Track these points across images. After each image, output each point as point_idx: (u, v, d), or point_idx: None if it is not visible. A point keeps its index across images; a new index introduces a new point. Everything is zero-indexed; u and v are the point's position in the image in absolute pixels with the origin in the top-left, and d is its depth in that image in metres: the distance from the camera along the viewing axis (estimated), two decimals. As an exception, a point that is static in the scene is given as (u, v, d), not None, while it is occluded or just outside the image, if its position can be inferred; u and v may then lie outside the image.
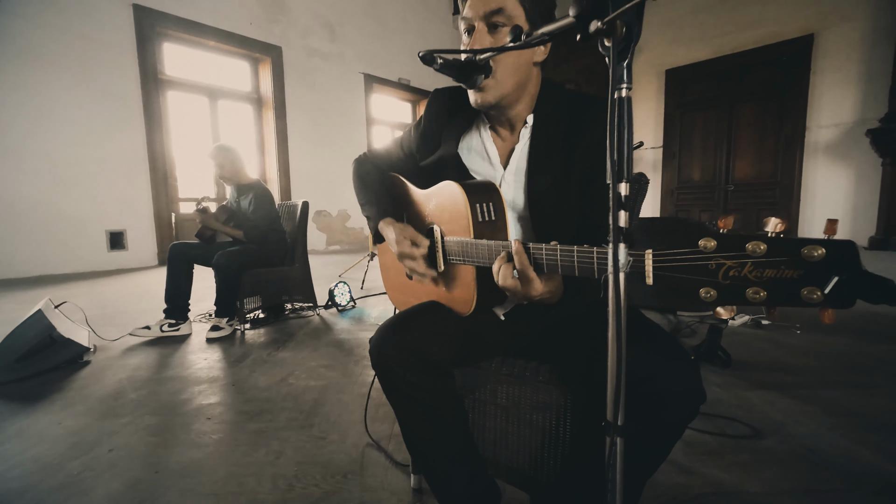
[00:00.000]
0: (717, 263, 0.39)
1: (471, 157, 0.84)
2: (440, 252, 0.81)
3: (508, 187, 0.81)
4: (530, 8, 0.70)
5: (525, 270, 0.58)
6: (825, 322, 0.35)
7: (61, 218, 4.29)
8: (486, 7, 0.68)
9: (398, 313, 0.80)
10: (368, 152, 1.00)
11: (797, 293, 0.35)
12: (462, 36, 0.74)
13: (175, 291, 2.15)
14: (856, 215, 5.61)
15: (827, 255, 0.34)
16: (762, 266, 0.36)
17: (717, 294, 0.39)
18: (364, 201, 0.91)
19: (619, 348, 0.39)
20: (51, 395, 1.48)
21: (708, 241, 0.39)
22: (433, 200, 0.83)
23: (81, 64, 4.30)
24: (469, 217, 0.72)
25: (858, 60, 5.45)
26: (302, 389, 1.50)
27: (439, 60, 0.56)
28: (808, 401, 1.35)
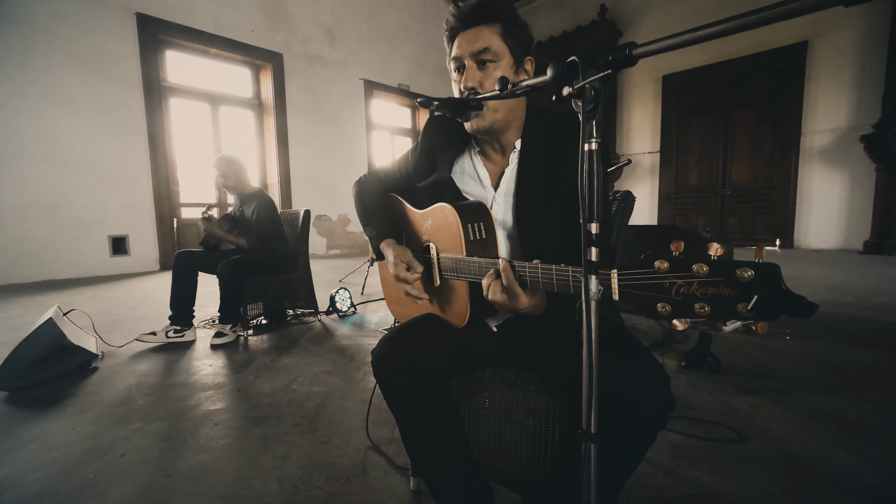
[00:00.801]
0: (670, 282, 0.44)
1: (464, 180, 0.91)
2: (436, 268, 0.86)
3: (499, 208, 0.87)
4: (512, 44, 0.77)
5: (511, 286, 0.64)
6: (759, 332, 0.41)
7: (64, 223, 4.35)
8: (473, 47, 0.74)
9: (397, 326, 0.86)
10: (369, 174, 1.06)
11: (734, 308, 0.41)
12: (452, 73, 0.80)
13: (180, 299, 2.20)
14: (851, 219, 5.68)
15: (755, 275, 0.39)
16: (706, 285, 0.42)
17: (671, 308, 0.44)
18: (366, 222, 0.97)
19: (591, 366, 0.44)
20: (63, 401, 1.53)
21: (661, 262, 0.44)
22: (429, 220, 0.88)
23: (85, 71, 4.37)
24: (461, 236, 0.78)
25: (852, 67, 5.53)
26: (305, 395, 1.55)
27: (435, 102, 0.62)
28: (792, 406, 1.40)
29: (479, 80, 0.75)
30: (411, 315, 0.98)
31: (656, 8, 7.04)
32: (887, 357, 1.81)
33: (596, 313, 0.44)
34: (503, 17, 0.76)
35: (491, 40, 0.75)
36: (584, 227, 0.44)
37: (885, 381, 1.60)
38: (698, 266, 0.42)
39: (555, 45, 7.87)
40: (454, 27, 0.77)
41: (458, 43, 0.77)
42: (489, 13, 0.75)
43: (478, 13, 0.75)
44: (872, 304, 2.72)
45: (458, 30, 0.77)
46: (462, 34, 0.76)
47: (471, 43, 0.75)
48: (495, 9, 0.75)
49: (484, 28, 0.75)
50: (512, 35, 0.77)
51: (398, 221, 1.00)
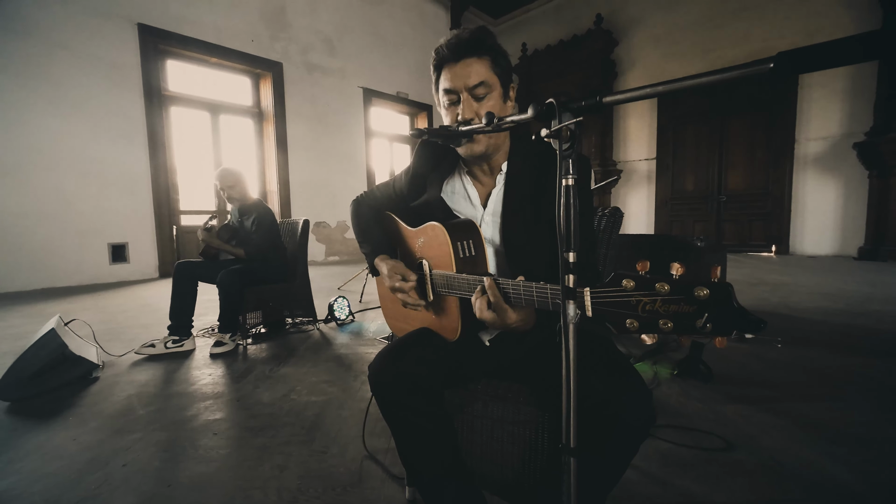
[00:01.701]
0: (637, 300, 0.47)
1: (454, 199, 0.95)
2: (429, 284, 0.90)
3: (487, 226, 0.91)
4: (500, 73, 0.82)
5: (498, 302, 0.68)
6: (718, 346, 0.44)
7: (65, 231, 4.38)
8: (469, 81, 0.79)
9: (393, 341, 0.89)
10: (366, 193, 1.10)
11: (693, 324, 0.44)
12: (442, 100, 0.84)
13: (180, 309, 2.23)
14: (845, 226, 5.74)
15: (710, 294, 0.43)
16: (668, 302, 0.45)
17: (639, 324, 0.48)
18: (362, 239, 1.01)
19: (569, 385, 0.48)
20: (64, 412, 1.55)
21: (628, 281, 0.48)
22: (421, 238, 0.92)
23: (87, 81, 4.42)
24: (452, 254, 0.82)
25: (844, 76, 5.62)
26: (303, 405, 1.57)
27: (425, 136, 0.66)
28: (781, 414, 1.43)
29: (475, 110, 0.80)
30: (408, 329, 1.01)
31: (651, 18, 7.15)
32: (876, 365, 1.85)
33: (574, 335, 0.47)
34: (491, 51, 0.80)
35: (483, 73, 0.79)
36: (560, 255, 0.47)
37: (872, 389, 1.63)
38: (660, 285, 0.45)
39: (552, 54, 7.97)
40: (445, 58, 0.81)
41: (450, 76, 0.81)
42: (480, 48, 0.79)
43: (469, 48, 0.79)
44: (864, 312, 2.75)
45: (448, 60, 0.81)
46: (453, 66, 0.80)
47: (466, 77, 0.79)
48: (486, 44, 0.79)
49: (475, 61, 0.79)
50: (499, 65, 0.81)
51: (393, 239, 1.04)
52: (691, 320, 0.44)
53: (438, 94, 0.85)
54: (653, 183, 7.42)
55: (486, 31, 0.80)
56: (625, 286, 0.47)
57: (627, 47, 7.45)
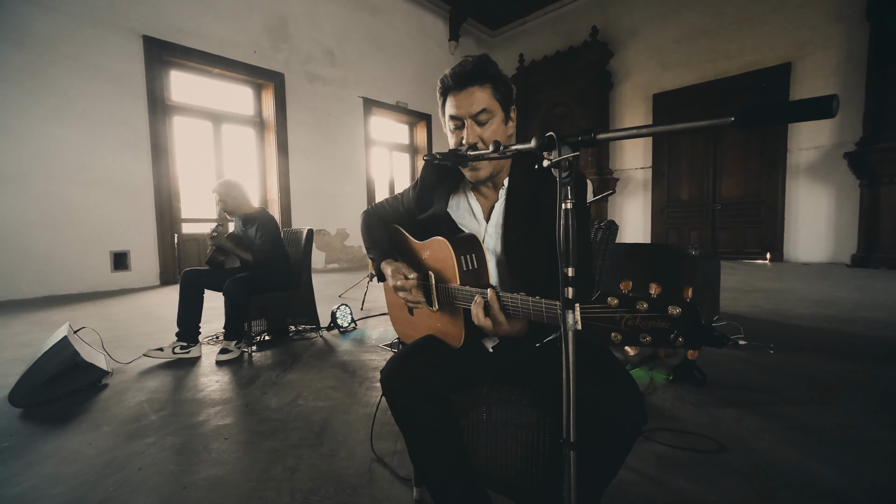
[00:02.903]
0: (620, 315, 0.53)
1: (459, 213, 1.01)
2: (434, 295, 0.96)
3: (490, 238, 0.97)
4: (501, 99, 0.89)
5: (495, 314, 0.74)
6: (689, 358, 0.50)
7: (67, 239, 4.42)
8: (472, 109, 0.86)
9: (402, 348, 0.95)
10: (375, 206, 1.17)
11: (668, 338, 0.50)
12: (448, 125, 0.91)
13: (187, 316, 2.28)
14: (838, 233, 5.84)
15: (682, 313, 0.49)
16: (647, 319, 0.51)
17: (622, 337, 0.54)
18: (370, 247, 1.08)
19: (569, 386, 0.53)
20: (78, 417, 1.59)
21: (612, 299, 0.54)
22: (427, 251, 0.99)
23: (92, 91, 4.50)
24: (455, 267, 0.88)
25: (834, 87, 5.75)
26: (311, 410, 1.62)
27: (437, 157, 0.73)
28: (772, 417, 1.49)
29: (478, 135, 0.87)
30: (414, 335, 1.07)
31: (645, 30, 7.31)
32: (863, 371, 1.91)
33: (573, 342, 0.53)
34: (493, 79, 0.87)
35: (486, 101, 0.86)
36: (560, 270, 0.53)
37: (860, 393, 1.69)
38: (640, 303, 0.52)
39: (549, 65, 8.12)
40: (450, 87, 0.88)
41: (455, 103, 0.88)
42: (482, 77, 0.86)
43: (472, 77, 0.86)
44: (854, 318, 2.82)
45: (452, 89, 0.88)
46: (457, 94, 0.87)
47: (469, 105, 0.86)
48: (487, 73, 0.86)
49: (477, 89, 0.86)
50: (500, 92, 0.88)
51: (400, 250, 1.10)
52: (666, 335, 0.50)
53: (444, 118, 0.92)
54: (649, 191, 7.53)
55: (488, 60, 0.88)
56: (609, 303, 0.53)
57: (623, 58, 7.61)
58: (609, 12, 7.67)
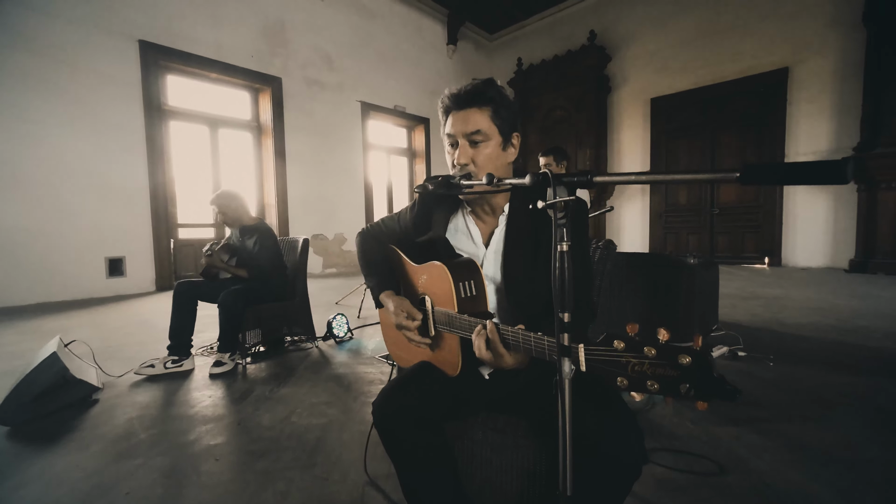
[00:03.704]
0: (626, 360, 0.51)
1: (457, 237, 0.99)
2: (431, 320, 0.93)
3: (489, 264, 0.95)
4: (501, 124, 0.86)
5: (496, 346, 0.72)
6: (699, 409, 0.47)
7: (61, 246, 4.38)
8: (466, 129, 0.84)
9: (396, 377, 0.92)
10: (371, 226, 1.14)
11: (677, 388, 0.48)
12: (446, 144, 0.89)
13: (179, 328, 2.25)
14: (836, 239, 5.84)
15: (692, 362, 0.47)
16: (655, 366, 0.49)
17: (628, 383, 0.51)
18: (367, 272, 1.05)
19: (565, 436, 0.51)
20: (65, 435, 1.56)
21: (619, 342, 0.52)
22: (424, 275, 0.96)
23: (88, 96, 4.46)
24: (453, 293, 0.86)
25: (831, 92, 5.76)
26: (304, 428, 1.59)
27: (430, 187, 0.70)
28: (771, 436, 1.47)
29: (471, 156, 0.85)
30: (409, 358, 1.05)
31: (643, 35, 7.32)
32: (863, 384, 1.89)
33: (570, 390, 0.51)
34: (493, 102, 0.85)
35: (482, 122, 0.84)
36: (556, 315, 0.51)
37: (860, 408, 1.67)
38: (648, 349, 0.49)
39: (547, 69, 8.11)
40: (449, 107, 0.86)
41: (452, 122, 0.86)
42: (481, 98, 0.84)
43: (470, 98, 0.84)
44: (854, 328, 2.81)
45: (451, 109, 0.86)
46: (455, 113, 0.85)
47: (464, 124, 0.84)
48: (486, 95, 0.84)
49: (475, 111, 0.84)
50: (500, 116, 0.86)
51: (397, 272, 1.08)
52: (675, 384, 0.48)
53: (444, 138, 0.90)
54: (647, 195, 7.52)
55: (490, 83, 0.85)
56: (616, 346, 0.51)
57: (620, 63, 7.61)
58: (607, 17, 7.68)
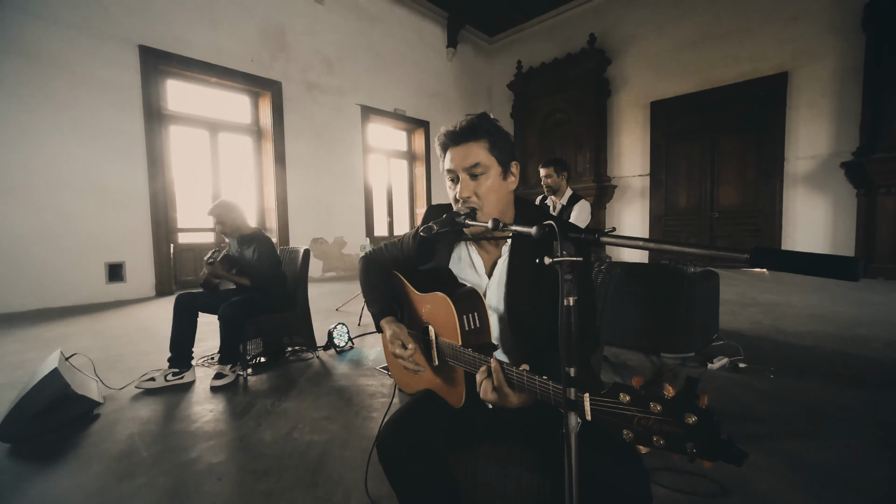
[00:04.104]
0: (632, 413, 0.51)
1: (460, 266, 0.99)
2: (434, 350, 0.94)
3: (492, 294, 0.95)
4: (498, 155, 0.87)
5: (501, 387, 0.72)
6: (705, 467, 0.47)
7: (62, 251, 4.37)
8: (465, 163, 0.84)
9: (401, 408, 0.92)
10: (374, 251, 1.14)
11: (683, 446, 0.48)
12: (446, 179, 0.89)
13: (180, 340, 2.24)
14: (835, 243, 5.84)
15: (697, 422, 0.47)
16: (660, 422, 0.49)
17: (633, 436, 0.51)
18: (369, 299, 1.05)
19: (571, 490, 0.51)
20: (67, 453, 1.56)
21: (624, 395, 0.52)
22: (428, 304, 0.96)
23: (88, 102, 4.46)
24: (457, 326, 0.86)
25: (830, 97, 5.77)
26: (306, 445, 1.59)
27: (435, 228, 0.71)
28: (773, 454, 1.47)
29: (472, 189, 0.85)
30: (411, 383, 1.05)
31: (643, 39, 7.32)
32: (864, 398, 1.90)
33: (576, 444, 0.51)
34: (488, 134, 0.85)
35: (480, 155, 0.85)
36: (563, 368, 0.51)
37: (860, 424, 1.67)
38: (654, 405, 0.49)
39: (547, 72, 8.12)
40: (446, 143, 0.86)
41: (451, 157, 0.86)
42: (476, 132, 0.84)
43: (466, 133, 0.84)
44: (853, 337, 2.82)
45: (448, 145, 0.86)
46: (453, 149, 0.85)
47: (463, 158, 0.84)
48: (482, 128, 0.85)
49: (473, 144, 0.84)
50: (498, 147, 0.86)
51: (399, 299, 1.08)
52: (681, 442, 0.48)
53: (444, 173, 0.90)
54: (647, 198, 7.53)
55: (484, 117, 0.86)
56: (621, 399, 0.51)
57: (620, 66, 7.61)
58: (607, 20, 7.67)
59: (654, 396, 0.50)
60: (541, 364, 0.86)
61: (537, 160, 8.63)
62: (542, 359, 0.87)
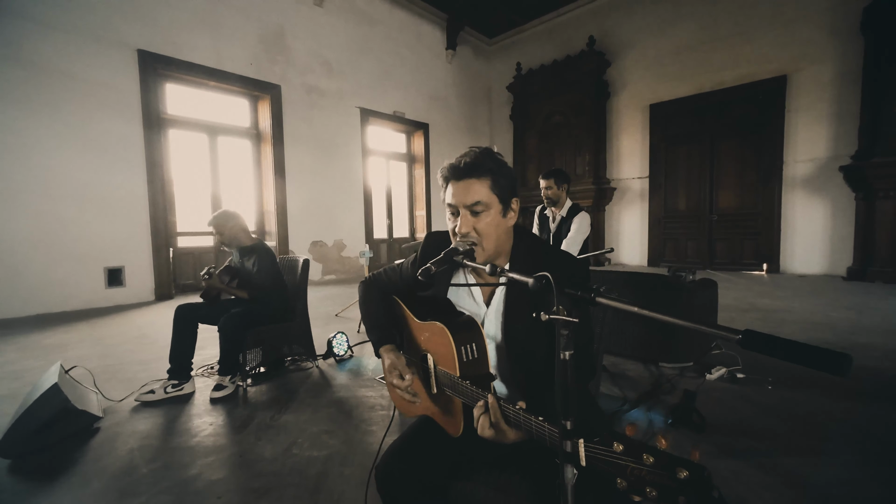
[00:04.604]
0: (625, 463, 0.52)
1: (459, 295, 0.99)
2: (433, 378, 0.94)
3: (490, 323, 0.95)
4: (500, 192, 0.87)
5: (499, 423, 0.72)
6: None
7: (61, 257, 4.37)
8: (467, 200, 0.84)
9: (400, 439, 0.93)
10: (374, 276, 1.15)
11: (675, 499, 0.48)
12: (447, 211, 0.89)
13: (179, 352, 2.25)
14: (834, 246, 5.86)
15: (690, 476, 0.47)
16: (652, 473, 0.50)
17: (627, 485, 0.52)
18: (368, 326, 1.05)
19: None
20: (66, 471, 1.56)
21: (618, 444, 0.52)
22: (427, 332, 0.96)
23: (86, 107, 4.45)
24: (455, 357, 0.86)
25: (829, 100, 5.78)
26: (306, 461, 1.60)
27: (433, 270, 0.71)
28: (771, 471, 1.48)
29: (472, 224, 0.85)
30: (411, 408, 1.05)
31: (642, 41, 7.32)
32: (861, 412, 1.90)
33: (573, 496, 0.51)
34: (492, 173, 0.86)
35: (482, 193, 0.85)
36: (560, 423, 0.51)
37: (858, 440, 1.68)
38: (646, 456, 0.50)
39: (546, 74, 8.11)
40: (448, 178, 0.87)
41: (452, 192, 0.86)
42: (479, 170, 0.84)
43: (470, 170, 0.84)
44: (852, 345, 2.83)
45: (450, 179, 0.86)
46: (455, 184, 0.86)
47: (465, 195, 0.85)
48: (485, 167, 0.85)
49: (475, 181, 0.85)
50: (499, 185, 0.87)
51: (399, 324, 1.08)
52: (673, 495, 0.48)
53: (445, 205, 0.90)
54: (646, 201, 7.54)
55: (488, 153, 0.86)
56: (615, 448, 0.52)
57: (619, 68, 7.61)
58: (606, 22, 7.67)
59: (648, 448, 0.50)
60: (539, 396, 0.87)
61: (536, 162, 8.65)
62: (540, 389, 0.88)
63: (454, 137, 8.74)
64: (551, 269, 0.89)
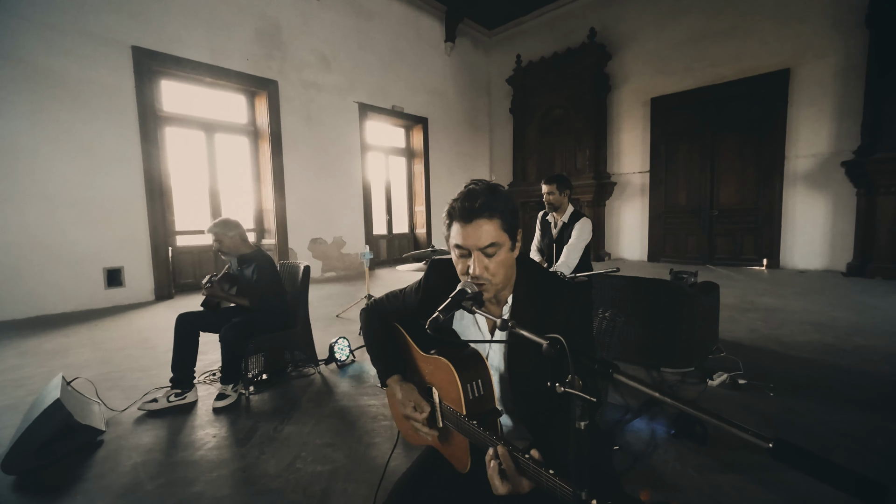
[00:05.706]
0: None
1: (463, 325, 0.98)
2: (439, 413, 0.93)
3: (495, 354, 0.94)
4: (509, 230, 0.86)
5: (512, 476, 0.70)
6: None
7: (60, 258, 4.35)
8: (480, 243, 0.82)
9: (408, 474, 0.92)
10: (375, 303, 1.13)
11: None
12: (454, 251, 0.87)
13: (181, 361, 2.24)
14: (834, 242, 5.85)
15: None
16: None
17: None
18: (373, 356, 1.05)
19: None
20: (71, 487, 1.57)
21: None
22: (431, 365, 0.95)
23: (81, 106, 4.39)
24: (461, 394, 0.85)
25: (832, 95, 5.72)
26: (309, 478, 1.60)
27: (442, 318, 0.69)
28: (772, 487, 1.49)
29: (485, 265, 0.84)
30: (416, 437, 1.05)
31: (643, 35, 7.22)
32: (862, 423, 1.91)
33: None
34: (502, 213, 0.83)
35: (494, 234, 0.83)
36: (574, 491, 0.51)
37: (860, 452, 1.69)
38: None
39: (546, 66, 8.02)
40: (456, 217, 0.84)
41: (462, 234, 0.84)
42: (491, 210, 0.82)
43: (481, 211, 0.82)
44: (852, 348, 2.83)
45: (460, 220, 0.84)
46: (465, 226, 0.83)
47: (478, 238, 0.82)
48: (495, 208, 0.83)
49: (485, 222, 0.82)
50: (508, 223, 0.85)
51: (402, 352, 1.07)
52: None
53: (449, 242, 0.88)
54: (646, 195, 7.50)
55: (497, 192, 0.84)
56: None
57: (620, 62, 7.52)
58: (607, 15, 7.56)
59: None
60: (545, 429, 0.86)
61: (536, 157, 8.59)
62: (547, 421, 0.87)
63: (454, 131, 8.67)
64: (555, 300, 0.88)
